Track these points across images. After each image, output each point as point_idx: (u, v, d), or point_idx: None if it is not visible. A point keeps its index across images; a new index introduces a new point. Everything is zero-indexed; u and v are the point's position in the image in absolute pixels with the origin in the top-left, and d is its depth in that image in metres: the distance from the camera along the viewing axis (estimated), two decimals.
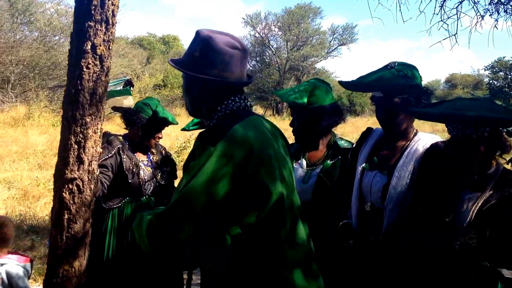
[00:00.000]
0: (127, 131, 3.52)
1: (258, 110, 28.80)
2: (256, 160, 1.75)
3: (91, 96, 2.38)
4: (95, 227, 3.32)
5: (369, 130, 2.85)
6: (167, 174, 3.59)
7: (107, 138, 3.34)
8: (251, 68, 39.49)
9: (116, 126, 11.23)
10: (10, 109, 18.69)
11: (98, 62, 2.41)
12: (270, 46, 39.41)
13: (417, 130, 2.69)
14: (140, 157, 3.48)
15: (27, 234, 5.68)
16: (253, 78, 2.14)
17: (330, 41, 40.14)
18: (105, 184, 3.17)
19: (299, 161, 3.00)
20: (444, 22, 4.63)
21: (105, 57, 2.44)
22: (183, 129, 3.80)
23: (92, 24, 2.36)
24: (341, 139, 3.07)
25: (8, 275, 2.77)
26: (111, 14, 2.40)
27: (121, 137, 3.45)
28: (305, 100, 2.89)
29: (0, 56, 19.50)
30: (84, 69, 2.38)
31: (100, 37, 2.39)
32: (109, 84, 5.27)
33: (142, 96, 22.11)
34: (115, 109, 3.62)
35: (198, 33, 1.98)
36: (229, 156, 1.72)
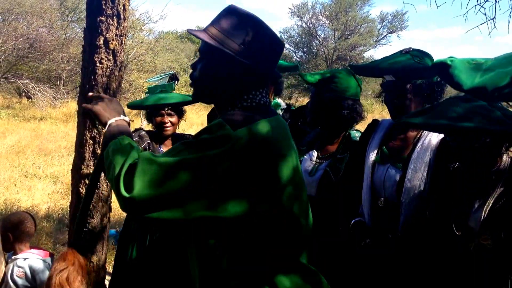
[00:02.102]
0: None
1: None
2: (274, 159, 1.62)
3: (104, 91, 2.39)
4: (127, 223, 3.37)
5: (375, 122, 2.71)
6: None
7: (139, 133, 3.37)
8: (297, 59, 39.24)
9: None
10: (62, 105, 19.29)
11: (111, 57, 2.41)
12: (318, 36, 38.90)
13: None
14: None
15: (68, 228, 5.79)
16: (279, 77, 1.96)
17: (379, 29, 39.22)
18: None
19: (310, 152, 2.88)
20: (482, 6, 4.38)
21: (118, 52, 2.43)
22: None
23: (103, 19, 2.36)
24: (357, 131, 2.92)
25: (31, 269, 2.84)
26: (122, 8, 2.40)
27: (151, 134, 3.45)
28: (316, 78, 2.81)
29: (52, 54, 20.11)
30: (97, 64, 2.39)
31: (112, 31, 2.39)
32: (154, 79, 5.29)
33: (188, 89, 22.35)
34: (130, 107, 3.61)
35: (246, 14, 1.75)
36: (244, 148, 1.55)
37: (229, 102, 1.75)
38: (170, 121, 3.41)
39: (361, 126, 3.04)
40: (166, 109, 3.39)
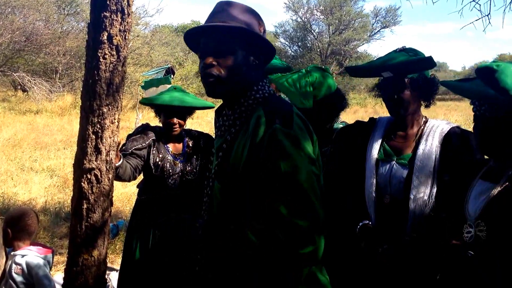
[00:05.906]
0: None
1: None
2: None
3: (108, 87, 2.39)
4: (132, 220, 3.39)
5: (372, 121, 2.72)
6: (202, 168, 3.39)
7: (144, 129, 3.36)
8: (292, 53, 39.28)
9: None
10: (58, 98, 19.26)
11: (114, 52, 2.41)
12: (312, 31, 38.94)
13: (426, 116, 2.58)
14: (174, 150, 3.41)
15: (65, 221, 5.82)
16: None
17: (373, 24, 39.32)
18: (137, 169, 3.21)
19: None
20: (477, 3, 4.43)
21: (122, 47, 2.43)
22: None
23: (107, 14, 2.36)
24: (344, 122, 2.94)
25: (28, 265, 2.84)
26: (127, 3, 2.39)
27: (157, 130, 3.42)
28: (311, 103, 2.77)
29: (48, 47, 20.09)
30: (101, 59, 2.39)
31: (116, 27, 2.39)
32: (150, 73, 5.25)
33: (184, 83, 22.36)
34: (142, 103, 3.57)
35: (250, 9, 1.84)
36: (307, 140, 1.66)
37: (242, 94, 1.79)
38: (179, 122, 3.35)
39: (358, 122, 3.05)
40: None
